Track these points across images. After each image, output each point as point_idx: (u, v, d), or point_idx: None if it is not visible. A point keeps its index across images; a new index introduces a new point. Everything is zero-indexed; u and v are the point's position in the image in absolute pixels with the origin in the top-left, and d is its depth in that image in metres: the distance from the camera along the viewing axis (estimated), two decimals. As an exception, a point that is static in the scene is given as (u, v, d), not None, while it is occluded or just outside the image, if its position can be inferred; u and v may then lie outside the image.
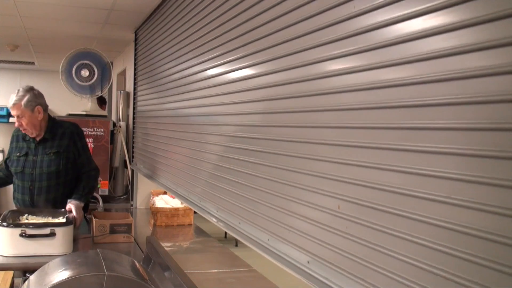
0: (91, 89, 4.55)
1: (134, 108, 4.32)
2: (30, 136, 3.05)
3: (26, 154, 3.07)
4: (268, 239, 1.57)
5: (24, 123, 2.98)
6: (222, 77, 2.08)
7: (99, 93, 4.65)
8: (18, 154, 3.09)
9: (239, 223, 1.81)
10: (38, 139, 3.06)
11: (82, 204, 3.01)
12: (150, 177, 3.50)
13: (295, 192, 1.42)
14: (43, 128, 3.06)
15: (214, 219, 2.06)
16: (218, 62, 2.12)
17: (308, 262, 1.33)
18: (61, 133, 3.08)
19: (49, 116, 3.13)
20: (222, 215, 2.00)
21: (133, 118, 4.34)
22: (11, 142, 3.20)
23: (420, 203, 0.95)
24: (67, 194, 3.06)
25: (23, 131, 3.05)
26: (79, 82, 4.47)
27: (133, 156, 4.38)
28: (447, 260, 0.88)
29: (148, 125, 3.69)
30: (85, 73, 4.46)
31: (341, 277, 1.19)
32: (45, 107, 3.05)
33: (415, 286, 0.96)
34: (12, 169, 3.10)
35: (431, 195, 0.92)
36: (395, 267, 1.01)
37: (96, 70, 4.46)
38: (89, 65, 4.45)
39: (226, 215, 1.96)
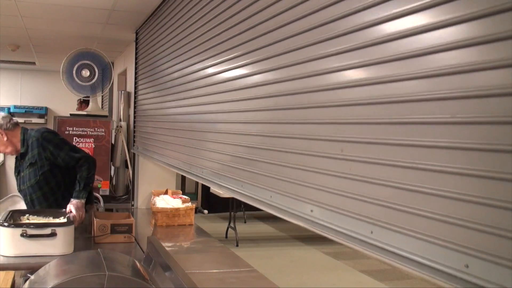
0: (92, 89, 4.55)
1: (135, 107, 4.33)
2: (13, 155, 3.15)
3: (19, 172, 3.15)
4: (271, 196, 1.61)
5: None
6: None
7: (100, 93, 4.65)
8: (16, 174, 3.21)
9: (242, 186, 1.85)
10: (19, 156, 3.12)
11: (83, 201, 3.02)
12: (151, 157, 3.53)
13: (295, 144, 1.45)
14: (17, 145, 3.09)
15: (216, 187, 2.11)
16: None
17: (312, 211, 1.37)
18: (31, 144, 3.09)
19: (23, 129, 3.14)
20: (224, 181, 2.05)
21: (134, 117, 4.35)
22: None
23: (423, 130, 0.97)
24: (64, 197, 3.08)
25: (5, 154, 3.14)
26: (80, 82, 4.47)
27: (134, 141, 4.39)
28: (450, 182, 0.91)
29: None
30: (85, 73, 4.46)
31: (345, 219, 1.22)
32: (5, 127, 3.04)
33: (421, 213, 0.98)
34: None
35: (432, 118, 0.95)
36: (400, 198, 1.03)
37: (96, 70, 4.46)
38: (89, 65, 4.45)
39: (228, 181, 2.00)
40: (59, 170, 3.12)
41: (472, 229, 0.86)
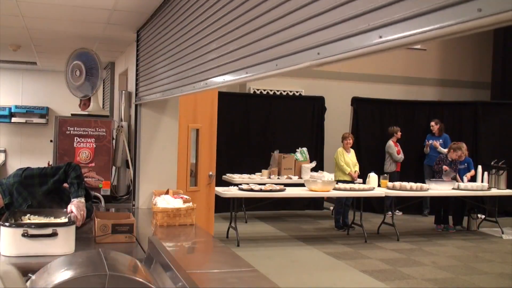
0: (82, 89, 4.55)
1: (136, 107, 4.33)
2: None
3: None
4: (277, 64, 1.64)
5: None
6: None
7: (91, 93, 4.64)
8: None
9: (246, 73, 1.87)
10: (3, 207, 2.99)
11: (82, 200, 3.04)
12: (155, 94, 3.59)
13: (297, 2, 1.47)
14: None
15: (222, 85, 2.15)
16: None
17: (318, 53, 1.40)
18: (15, 190, 3.01)
19: None
20: (226, 77, 2.08)
21: (135, 117, 4.35)
22: None
23: None
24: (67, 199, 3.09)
25: None
26: (73, 82, 4.49)
27: (136, 94, 4.36)
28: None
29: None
30: (77, 73, 4.46)
31: (353, 39, 1.25)
32: None
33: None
34: None
35: None
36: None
37: (85, 70, 4.45)
38: (80, 65, 4.45)
39: (231, 75, 2.03)
40: (56, 186, 3.13)
41: None
